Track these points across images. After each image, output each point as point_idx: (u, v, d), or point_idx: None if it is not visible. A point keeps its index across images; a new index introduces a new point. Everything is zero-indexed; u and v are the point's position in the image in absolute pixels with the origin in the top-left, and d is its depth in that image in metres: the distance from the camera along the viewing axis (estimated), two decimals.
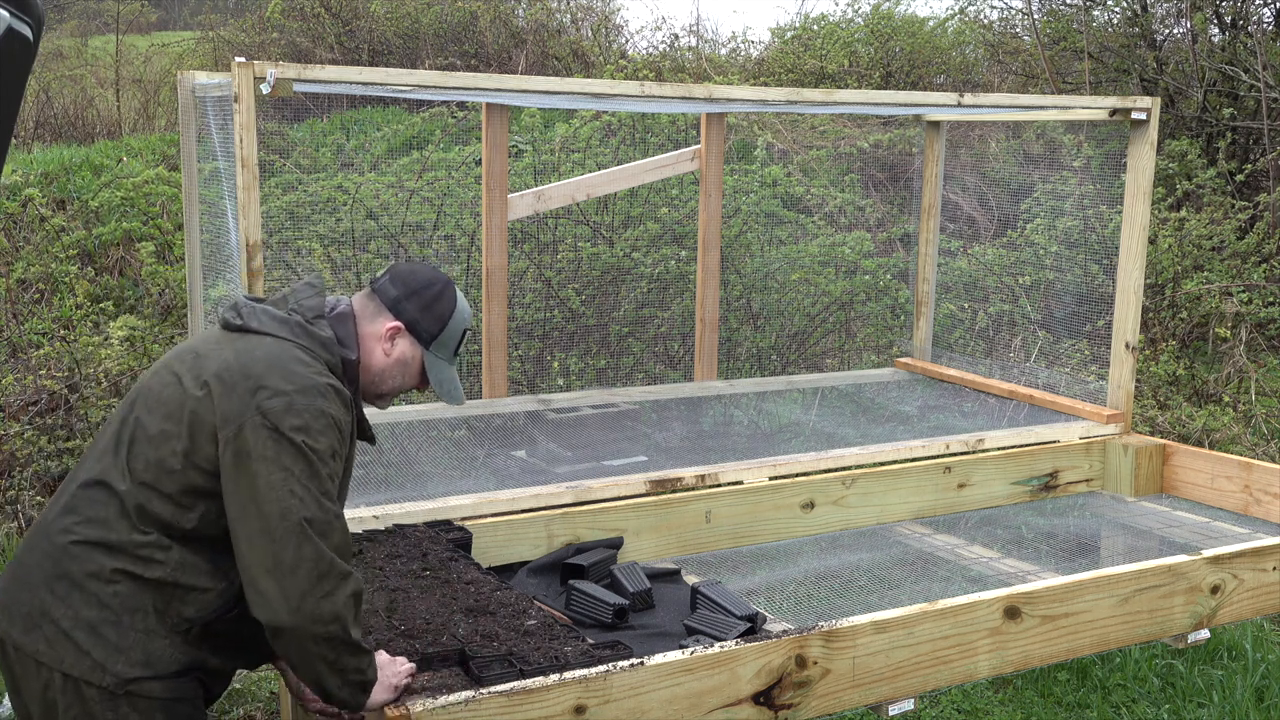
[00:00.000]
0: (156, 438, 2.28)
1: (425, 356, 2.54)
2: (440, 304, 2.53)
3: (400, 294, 2.50)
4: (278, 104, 9.20)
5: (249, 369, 2.27)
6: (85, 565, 2.25)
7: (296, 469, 2.21)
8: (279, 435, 2.21)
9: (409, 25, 12.13)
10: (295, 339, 2.35)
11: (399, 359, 2.51)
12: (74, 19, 15.28)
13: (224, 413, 2.24)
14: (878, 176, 9.89)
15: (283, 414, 2.22)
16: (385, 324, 2.49)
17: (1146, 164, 4.58)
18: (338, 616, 2.20)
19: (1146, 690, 4.51)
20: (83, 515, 2.28)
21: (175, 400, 2.30)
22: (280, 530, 2.18)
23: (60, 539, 2.27)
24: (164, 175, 7.63)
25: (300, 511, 2.19)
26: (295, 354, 2.32)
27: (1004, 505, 4.47)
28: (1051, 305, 7.48)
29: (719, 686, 2.66)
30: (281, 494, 2.19)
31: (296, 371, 2.28)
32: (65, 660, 2.24)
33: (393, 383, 2.54)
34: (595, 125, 7.35)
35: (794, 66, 12.05)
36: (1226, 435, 6.64)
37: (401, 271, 2.55)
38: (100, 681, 2.23)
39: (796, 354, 7.09)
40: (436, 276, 2.56)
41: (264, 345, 2.32)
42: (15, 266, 7.08)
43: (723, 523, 3.92)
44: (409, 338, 2.51)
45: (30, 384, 5.91)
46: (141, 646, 2.26)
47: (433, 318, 2.53)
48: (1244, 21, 10.70)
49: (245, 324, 2.37)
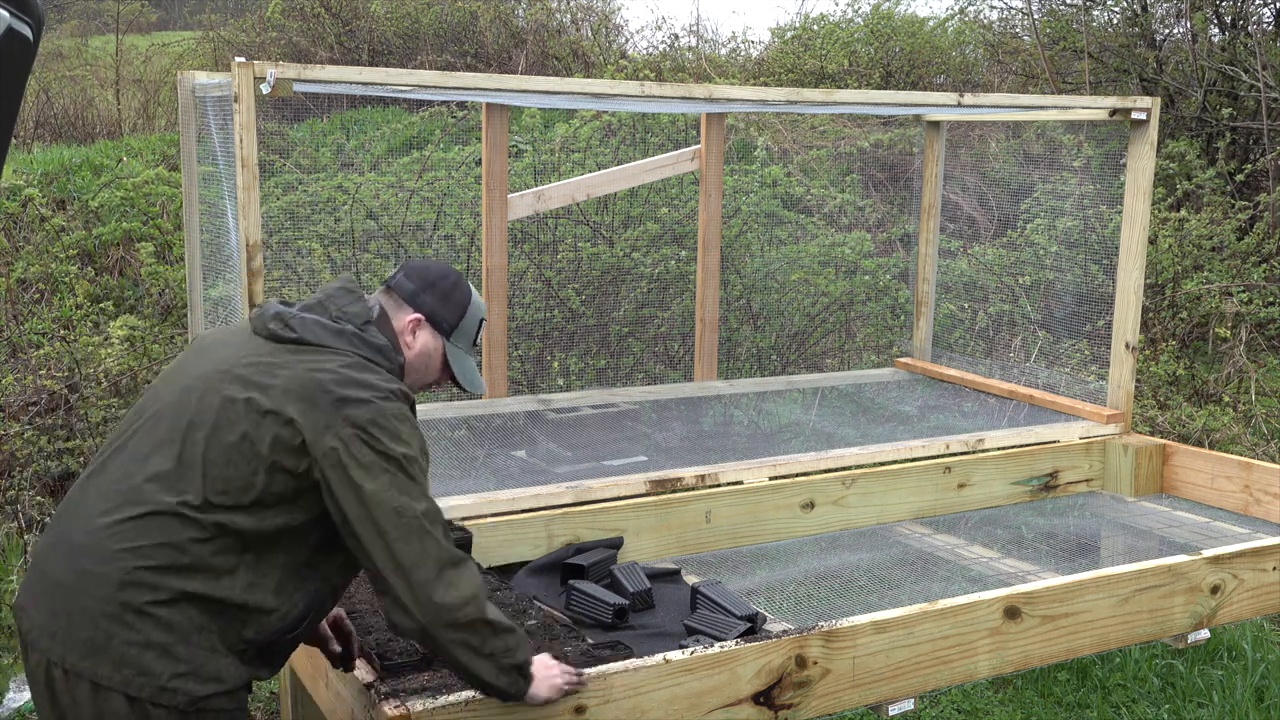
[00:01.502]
0: (234, 460, 2.25)
1: (446, 347, 2.56)
2: (457, 293, 2.56)
3: (417, 287, 2.53)
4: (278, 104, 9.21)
5: (325, 383, 2.28)
6: (155, 591, 2.21)
7: (397, 471, 2.25)
8: (373, 442, 2.24)
9: (409, 25, 12.13)
10: (356, 350, 2.37)
11: (422, 351, 2.53)
12: (74, 19, 15.28)
13: (312, 427, 2.24)
14: (878, 176, 9.89)
15: (372, 422, 2.25)
16: (406, 317, 2.51)
17: (1146, 164, 4.58)
18: (466, 599, 2.24)
19: (1146, 690, 4.51)
20: (150, 540, 2.22)
21: (247, 419, 2.26)
22: (397, 530, 2.22)
23: (124, 562, 2.21)
24: (164, 175, 7.63)
25: (414, 507, 2.24)
26: (364, 364, 2.35)
27: (1004, 505, 4.47)
28: (1051, 305, 7.48)
29: (719, 686, 2.66)
30: (391, 495, 2.23)
31: (371, 381, 2.31)
32: (132, 683, 2.20)
33: (417, 376, 2.56)
34: (595, 125, 7.35)
35: (794, 66, 12.06)
36: (1226, 435, 6.64)
37: (416, 266, 2.58)
38: (171, 702, 2.21)
39: (796, 354, 7.09)
40: (449, 269, 2.60)
41: (332, 358, 2.34)
42: (15, 266, 7.08)
43: (723, 523, 3.92)
44: (429, 329, 2.53)
45: (30, 384, 5.91)
46: (212, 665, 2.24)
47: (451, 307, 2.55)
48: (1244, 21, 10.71)
49: (301, 337, 2.36)
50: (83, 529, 2.27)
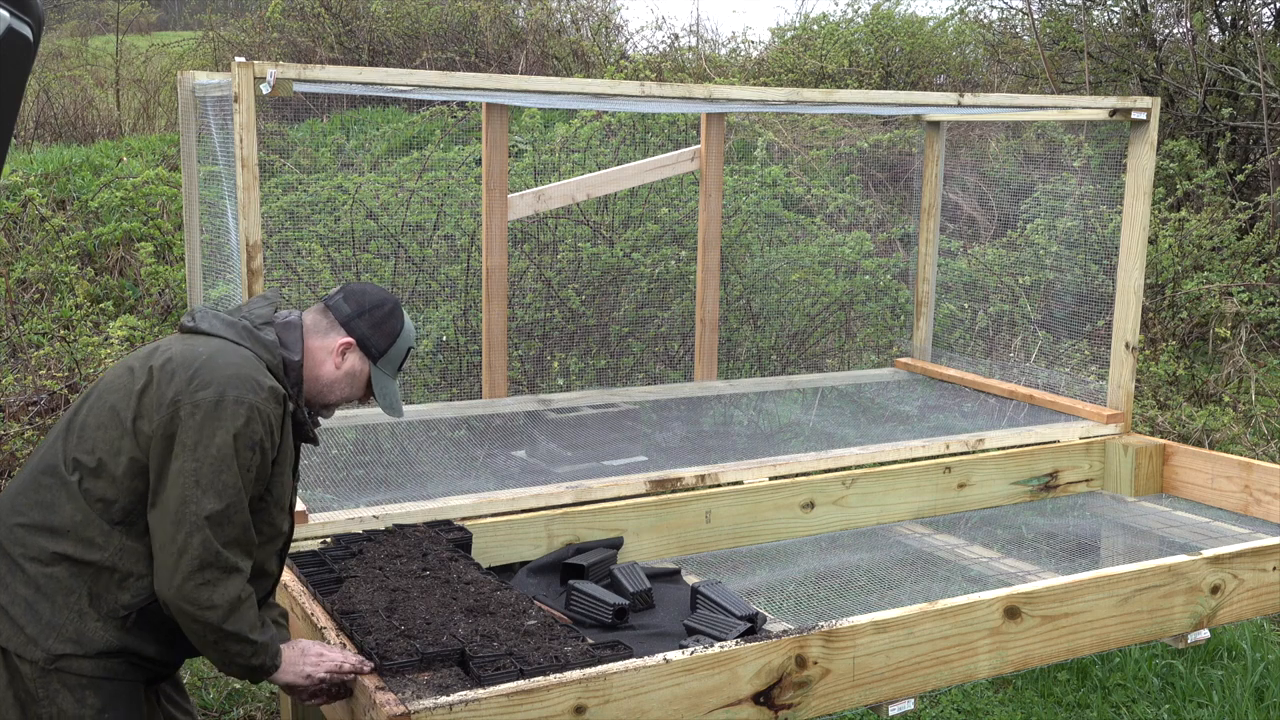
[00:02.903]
0: (105, 424, 2.41)
1: (372, 371, 2.68)
2: (390, 322, 2.68)
3: (353, 312, 2.65)
4: (278, 104, 9.22)
5: (190, 362, 2.42)
6: (28, 548, 2.38)
7: (209, 460, 2.34)
8: (202, 425, 2.35)
9: (409, 25, 12.13)
10: (239, 340, 2.50)
11: (348, 372, 2.65)
12: (74, 19, 15.28)
13: (159, 399, 2.38)
14: (878, 176, 9.89)
15: (212, 406, 2.36)
16: (338, 340, 2.63)
17: (1146, 164, 4.58)
18: (214, 605, 2.33)
19: (1146, 690, 4.51)
20: (30, 499, 2.41)
21: (124, 388, 2.43)
22: (178, 514, 2.33)
23: (9, 520, 2.41)
24: (164, 175, 7.63)
25: (201, 503, 2.33)
26: (236, 350, 2.47)
27: (1004, 505, 4.47)
28: (1051, 305, 7.48)
29: (719, 686, 2.66)
30: (188, 483, 2.33)
31: (231, 365, 2.42)
32: (2, 633, 2.37)
33: (340, 393, 2.68)
34: (595, 125, 7.35)
35: (794, 66, 12.05)
36: (1226, 435, 6.64)
37: (355, 291, 2.69)
38: (31, 656, 2.36)
39: (796, 354, 7.09)
40: (387, 296, 2.71)
41: (209, 343, 2.48)
42: (15, 266, 7.08)
43: (723, 523, 3.92)
44: (359, 353, 2.66)
45: (30, 384, 5.91)
46: (73, 625, 2.37)
47: (382, 335, 2.67)
48: (1244, 21, 10.71)
49: (197, 326, 2.53)
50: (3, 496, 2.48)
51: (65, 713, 2.37)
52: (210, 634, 2.35)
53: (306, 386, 2.61)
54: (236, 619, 2.36)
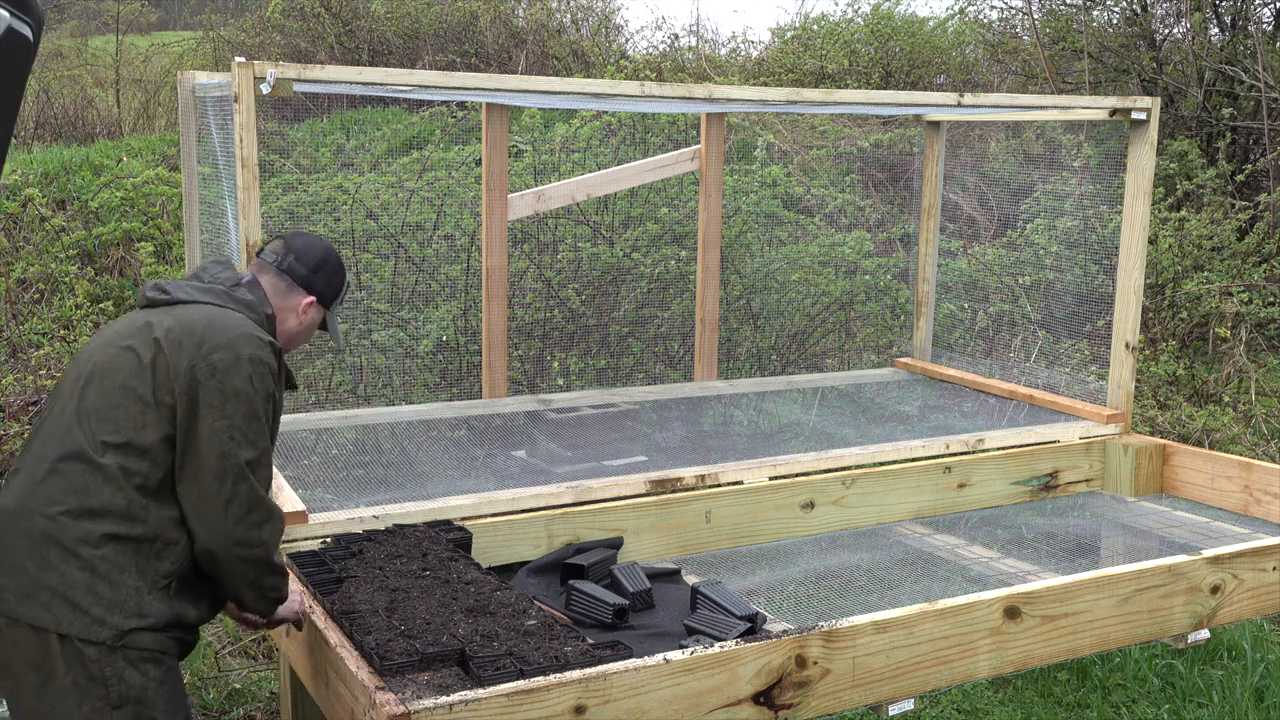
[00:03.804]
0: (121, 403, 2.50)
1: (327, 317, 2.95)
2: (338, 274, 2.92)
3: (309, 271, 2.85)
4: (278, 104, 9.22)
5: (193, 329, 2.55)
6: (74, 533, 2.44)
7: (238, 416, 2.50)
8: (224, 384, 2.50)
9: (409, 25, 12.13)
10: (224, 304, 2.66)
11: (310, 324, 2.89)
12: (74, 19, 15.28)
13: (174, 369, 2.50)
14: (878, 176, 9.89)
15: (229, 365, 2.51)
16: (301, 299, 2.84)
17: (1146, 164, 4.58)
18: (264, 543, 2.54)
19: (1146, 690, 4.51)
20: (63, 487, 2.47)
21: (131, 366, 2.53)
22: (219, 469, 2.48)
23: (48, 510, 2.46)
24: (164, 175, 7.63)
25: (240, 453, 2.50)
26: (229, 313, 2.63)
27: (1004, 505, 4.47)
28: (1051, 305, 7.48)
29: (719, 686, 2.66)
30: (223, 438, 2.49)
31: (234, 327, 2.58)
32: (63, 621, 2.41)
33: (301, 341, 2.94)
34: (595, 125, 7.35)
35: (794, 66, 12.06)
36: (1226, 435, 6.64)
37: (300, 249, 2.87)
38: (98, 637, 2.42)
39: (796, 354, 7.09)
40: (327, 248, 2.94)
41: (199, 310, 2.62)
42: (15, 266, 7.08)
43: (723, 523, 3.92)
44: (318, 306, 2.89)
45: (30, 384, 5.91)
46: (134, 600, 2.46)
47: (334, 286, 2.91)
48: (1244, 21, 10.71)
49: (174, 296, 2.65)
50: (11, 498, 2.52)
51: (132, 687, 2.45)
52: (256, 571, 2.56)
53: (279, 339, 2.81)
54: (278, 554, 2.61)
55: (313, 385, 5.98)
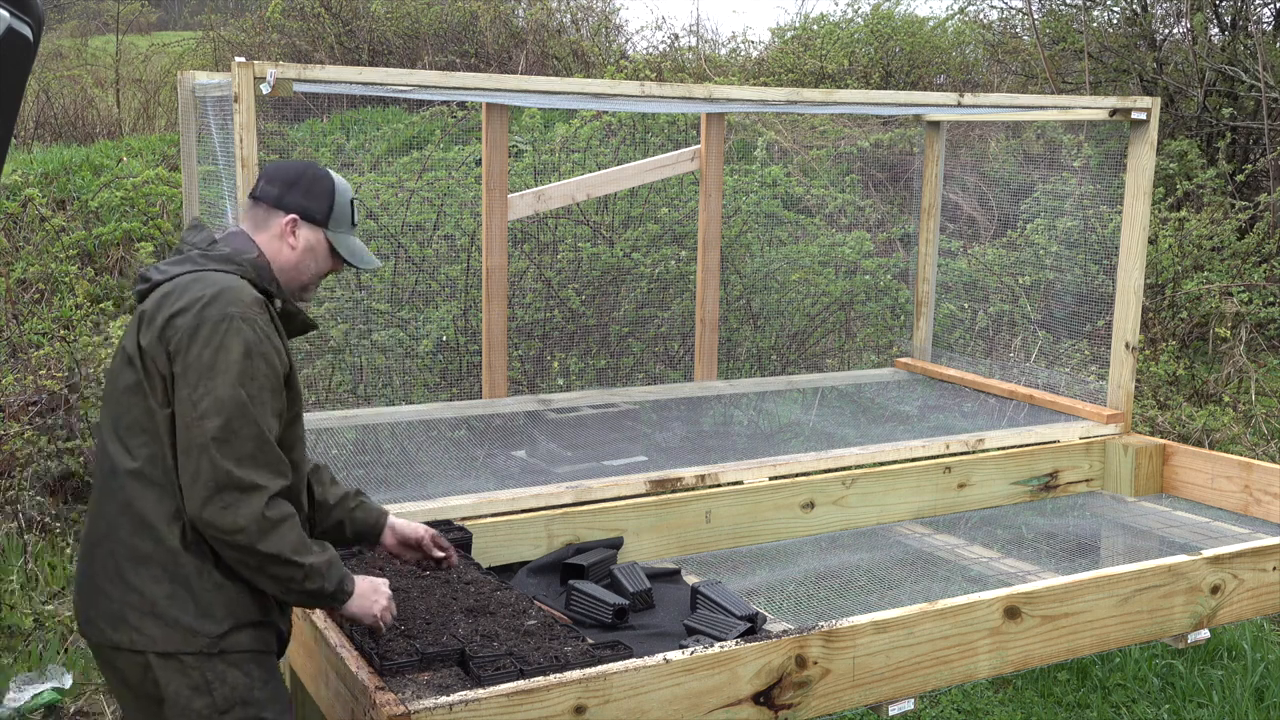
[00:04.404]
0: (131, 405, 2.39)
1: (329, 236, 2.64)
2: (319, 184, 2.63)
3: (280, 190, 2.60)
4: (278, 104, 9.21)
5: (161, 305, 2.40)
6: (141, 547, 2.35)
7: (200, 383, 2.31)
8: (188, 350, 2.32)
9: (409, 25, 12.13)
10: (200, 267, 2.46)
11: (306, 247, 2.61)
12: (74, 19, 15.28)
13: (152, 350, 2.36)
14: (878, 176, 9.89)
15: (191, 330, 2.33)
16: (279, 221, 2.59)
17: (1146, 164, 4.58)
18: (239, 528, 2.28)
19: (1146, 690, 4.51)
20: (118, 504, 2.37)
21: (127, 364, 2.41)
22: (185, 442, 2.31)
23: (112, 532, 2.38)
24: (164, 175, 7.63)
25: (201, 425, 2.29)
26: (202, 275, 2.43)
27: (1004, 505, 4.47)
28: (1051, 305, 7.48)
29: (719, 686, 2.66)
30: (185, 409, 2.31)
31: (199, 288, 2.39)
32: (157, 638, 2.33)
33: (310, 270, 2.64)
34: (595, 125, 7.35)
35: (794, 66, 12.05)
36: (1226, 435, 6.64)
37: (272, 171, 2.64)
38: (194, 647, 2.34)
39: (796, 354, 7.09)
40: (306, 164, 2.68)
41: (173, 282, 2.44)
42: (15, 266, 7.08)
43: (723, 523, 3.91)
44: (306, 225, 2.61)
45: (30, 384, 5.91)
46: (220, 601, 2.36)
47: (318, 198, 2.62)
48: (1244, 21, 10.70)
49: (154, 280, 2.48)
50: (86, 527, 2.48)
51: (237, 688, 2.37)
52: (250, 558, 2.31)
53: (280, 278, 2.58)
54: (272, 540, 2.30)
55: (313, 385, 5.98)
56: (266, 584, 2.37)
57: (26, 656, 4.40)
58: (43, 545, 5.20)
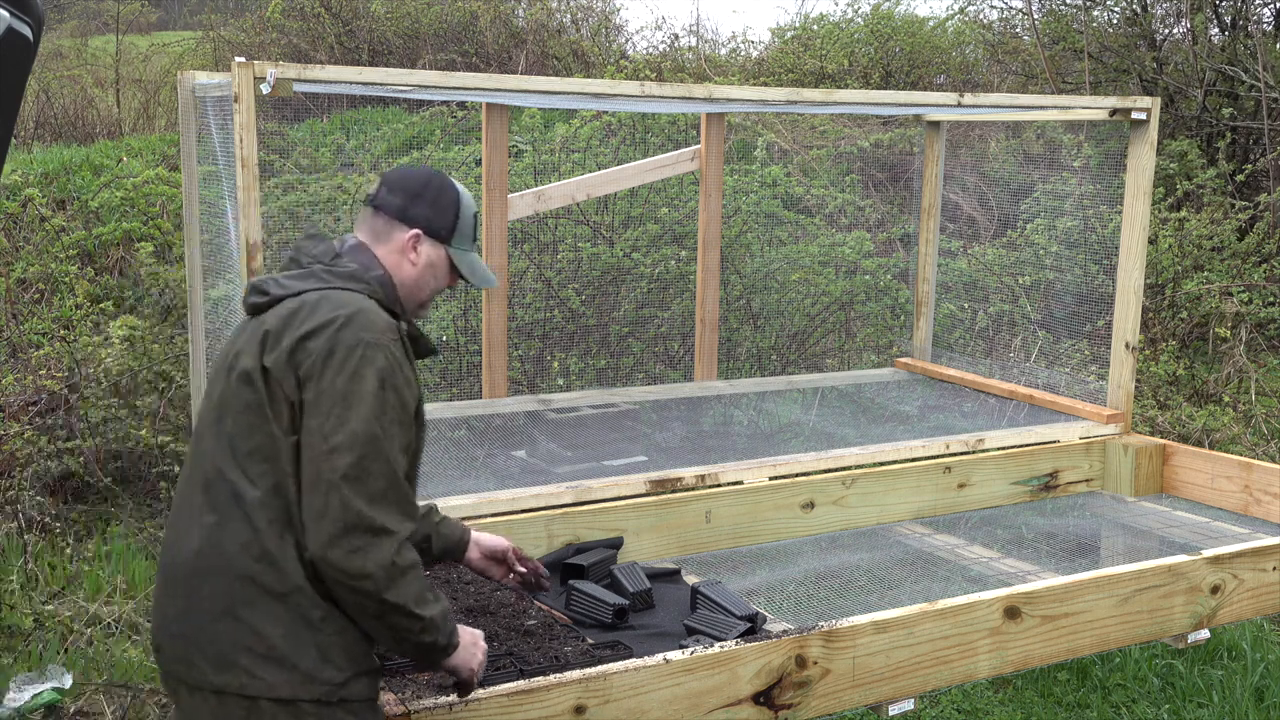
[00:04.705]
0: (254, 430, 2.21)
1: (450, 253, 2.51)
2: (445, 196, 2.50)
3: (404, 201, 2.46)
4: (278, 104, 9.21)
5: (288, 324, 2.24)
6: (262, 583, 2.17)
7: (333, 414, 2.16)
8: (320, 378, 2.18)
9: (409, 25, 12.13)
10: (326, 284, 2.31)
11: (427, 264, 2.47)
12: (74, 19, 15.27)
13: (279, 374, 2.20)
14: (878, 176, 9.89)
15: (323, 357, 2.19)
16: (403, 236, 2.45)
17: (1146, 164, 4.58)
18: (366, 574, 2.12)
19: (1146, 690, 4.51)
20: (241, 533, 2.19)
21: (250, 386, 2.22)
22: (312, 477, 2.15)
23: (229, 566, 2.18)
24: (164, 175, 7.62)
25: (332, 460, 2.14)
26: (331, 295, 2.28)
27: (1004, 505, 4.47)
28: (1051, 305, 7.48)
29: (719, 686, 2.66)
30: (315, 440, 2.15)
31: (332, 311, 2.24)
32: (274, 684, 2.15)
33: (429, 288, 2.51)
34: (595, 125, 7.35)
35: (794, 66, 12.05)
36: (1226, 435, 6.64)
37: (395, 180, 2.50)
38: (312, 694, 2.17)
39: (796, 354, 7.09)
40: (430, 172, 2.54)
41: (299, 299, 2.28)
42: (15, 266, 7.08)
43: (723, 523, 3.91)
44: (429, 240, 2.48)
45: (30, 384, 5.91)
46: (341, 646, 2.20)
47: (442, 212, 2.49)
48: (1244, 21, 10.71)
49: (273, 295, 2.32)
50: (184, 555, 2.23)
51: None
52: (371, 605, 2.15)
53: (399, 295, 2.45)
54: (398, 589, 2.15)
55: None
56: (380, 632, 2.21)
57: (26, 656, 4.40)
58: (43, 545, 5.20)
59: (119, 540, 5.33)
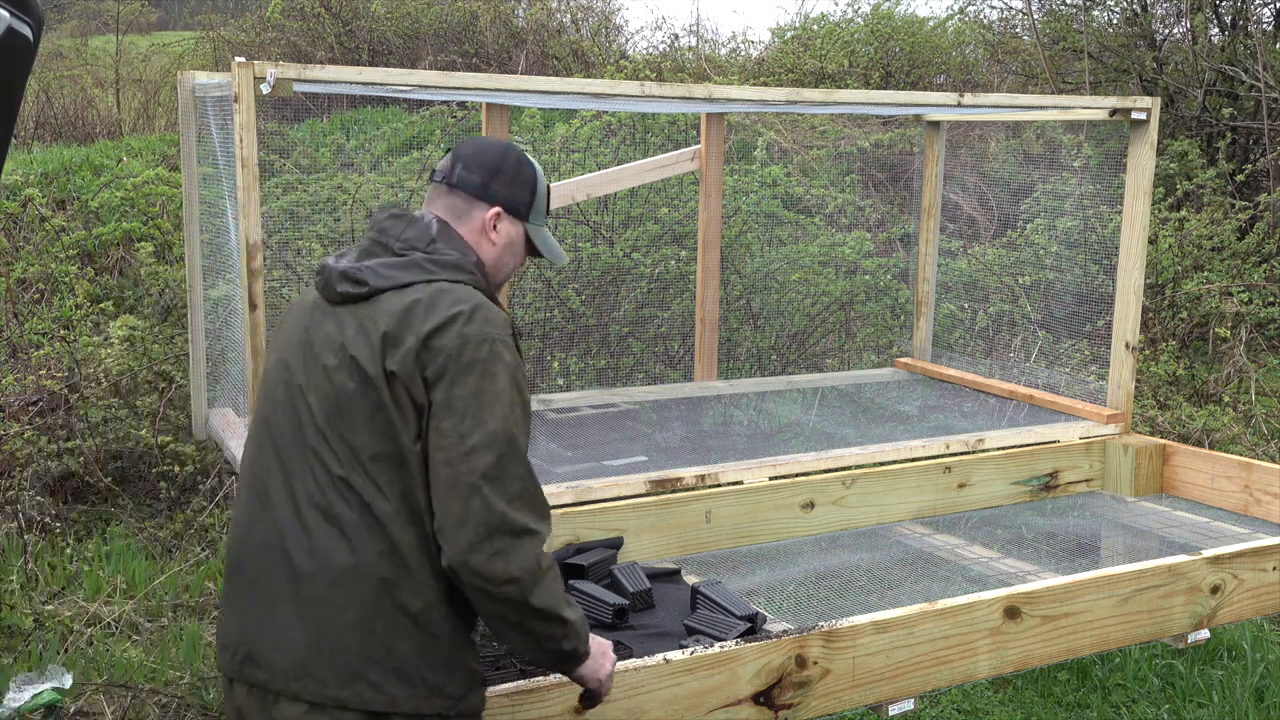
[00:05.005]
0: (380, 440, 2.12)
1: (528, 229, 2.43)
2: (523, 171, 2.41)
3: (484, 179, 2.36)
4: (278, 104, 9.22)
5: (407, 323, 2.13)
6: (399, 596, 2.10)
7: (470, 409, 2.08)
8: (453, 378, 2.10)
9: (409, 25, 12.13)
10: (431, 277, 2.21)
11: (506, 242, 2.39)
12: (74, 19, 15.28)
13: (403, 374, 2.11)
14: (878, 176, 9.90)
15: (454, 356, 2.10)
16: (483, 214, 2.36)
17: (1146, 164, 4.58)
18: (511, 578, 2.05)
19: (1146, 690, 4.51)
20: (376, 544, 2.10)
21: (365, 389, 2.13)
22: (450, 480, 2.07)
23: (371, 576, 2.10)
24: (164, 175, 7.63)
25: (472, 462, 2.07)
26: (444, 289, 2.18)
27: (1004, 505, 4.47)
28: (1051, 305, 7.48)
29: (719, 686, 2.66)
30: (451, 442, 2.07)
31: (453, 306, 2.15)
32: (398, 699, 2.09)
33: (507, 267, 2.43)
34: (595, 125, 7.35)
35: (794, 66, 12.06)
36: (1226, 435, 6.64)
37: (469, 155, 2.39)
38: (435, 709, 2.12)
39: (796, 354, 7.10)
40: (505, 145, 2.44)
41: (410, 294, 2.17)
42: (15, 266, 7.08)
43: (723, 523, 3.91)
44: (508, 218, 2.39)
45: (30, 384, 5.91)
46: (463, 659, 2.17)
47: (521, 188, 2.40)
48: (1244, 21, 10.71)
49: (375, 286, 2.19)
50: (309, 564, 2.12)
51: None
52: (512, 613, 2.08)
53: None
54: (542, 592, 2.08)
55: None
56: (518, 640, 2.15)
57: (26, 656, 4.40)
58: (43, 545, 5.20)
59: (119, 540, 5.34)
